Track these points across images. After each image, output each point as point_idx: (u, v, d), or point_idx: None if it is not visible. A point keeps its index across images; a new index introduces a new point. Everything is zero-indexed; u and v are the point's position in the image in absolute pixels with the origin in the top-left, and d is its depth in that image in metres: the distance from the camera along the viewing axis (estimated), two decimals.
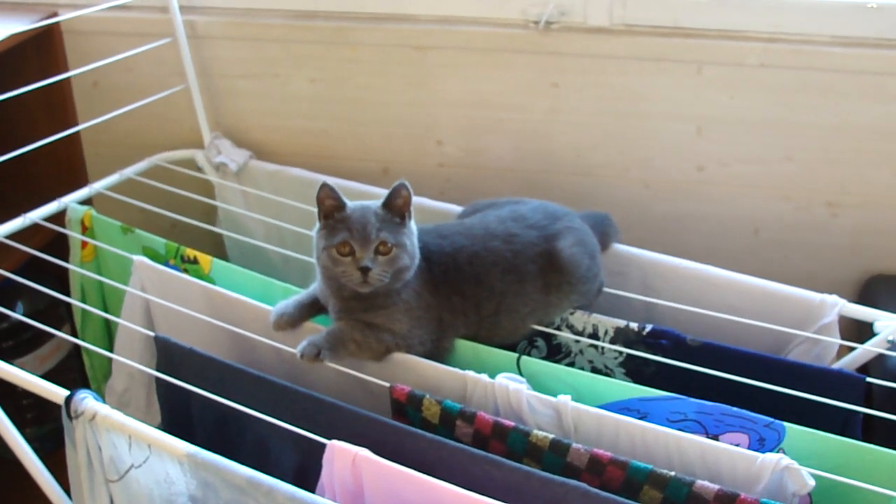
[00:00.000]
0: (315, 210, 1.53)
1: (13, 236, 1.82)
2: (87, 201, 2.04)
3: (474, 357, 1.57)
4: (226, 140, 2.27)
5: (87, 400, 1.35)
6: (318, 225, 1.53)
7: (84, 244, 1.97)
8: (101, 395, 1.43)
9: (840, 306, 1.67)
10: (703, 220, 2.22)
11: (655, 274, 1.82)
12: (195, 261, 1.84)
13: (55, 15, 2.12)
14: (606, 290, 1.75)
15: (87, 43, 2.21)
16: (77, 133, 2.15)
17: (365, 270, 1.45)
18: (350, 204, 1.51)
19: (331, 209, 1.51)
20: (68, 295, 1.97)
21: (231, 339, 1.64)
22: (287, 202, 2.04)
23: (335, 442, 1.28)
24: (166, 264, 1.84)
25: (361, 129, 2.28)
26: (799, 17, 2.00)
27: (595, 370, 1.63)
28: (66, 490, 1.50)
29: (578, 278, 1.63)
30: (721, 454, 1.31)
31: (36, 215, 1.89)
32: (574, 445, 1.30)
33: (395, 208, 1.50)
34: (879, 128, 2.04)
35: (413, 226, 1.54)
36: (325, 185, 1.49)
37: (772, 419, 1.38)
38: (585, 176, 2.21)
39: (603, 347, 1.63)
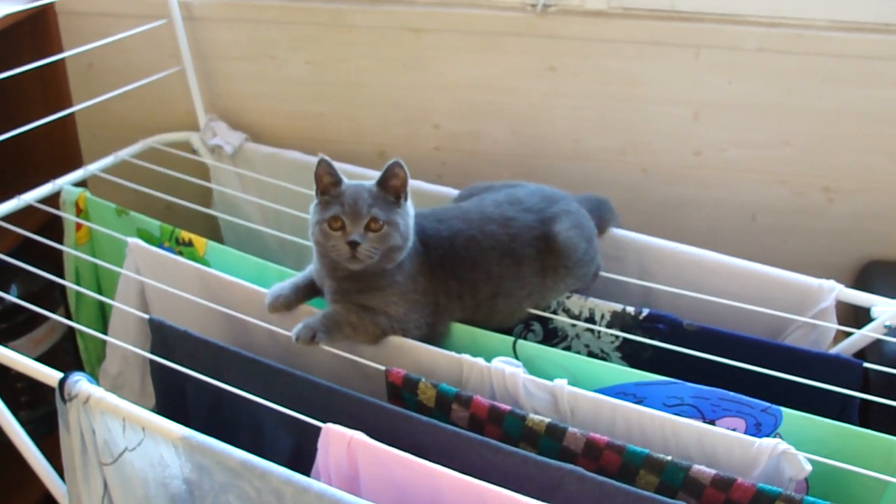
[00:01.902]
0: (310, 192, 1.53)
1: (7, 218, 1.82)
2: (81, 183, 2.03)
3: (470, 341, 1.57)
4: (221, 122, 2.26)
5: (80, 383, 1.35)
6: (315, 201, 1.52)
7: (79, 226, 1.96)
8: (96, 378, 1.42)
9: (837, 291, 1.66)
10: (701, 205, 2.21)
11: (652, 258, 1.81)
12: (190, 243, 1.83)
13: None
14: (603, 274, 1.75)
15: (81, 24, 2.20)
16: (71, 115, 2.14)
17: (353, 245, 1.44)
18: (346, 181, 1.51)
19: (328, 185, 1.51)
20: (63, 277, 1.97)
21: (226, 322, 1.63)
22: (282, 185, 2.03)
23: (330, 425, 1.28)
24: (161, 247, 1.83)
25: (357, 111, 2.27)
26: (798, 2, 2.00)
27: (591, 354, 1.63)
28: (60, 473, 1.50)
29: (575, 262, 1.63)
30: (718, 439, 1.31)
31: (30, 197, 1.88)
32: (570, 430, 1.30)
33: (391, 188, 1.50)
34: (878, 113, 2.03)
35: (409, 208, 1.53)
36: (322, 161, 1.49)
37: (769, 404, 1.38)
38: (582, 160, 2.21)
39: (599, 332, 1.62)
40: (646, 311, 1.61)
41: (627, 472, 1.27)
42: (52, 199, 1.95)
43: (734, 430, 1.35)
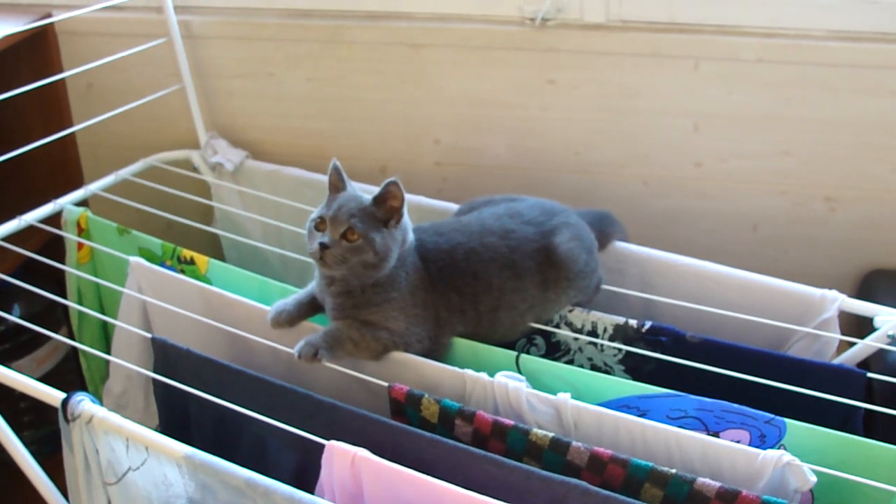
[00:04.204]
0: (311, 209, 1.54)
1: (9, 238, 1.82)
2: (82, 203, 2.03)
3: (473, 356, 1.57)
4: (222, 140, 2.26)
5: (83, 402, 1.35)
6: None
7: (80, 246, 1.96)
8: (99, 398, 1.42)
9: (840, 301, 1.66)
10: (702, 217, 2.21)
11: (654, 271, 1.81)
12: (192, 261, 1.83)
13: (49, 16, 2.11)
14: (605, 287, 1.74)
15: (81, 44, 2.21)
16: (72, 134, 2.15)
17: (322, 246, 1.45)
18: (350, 190, 1.53)
19: (334, 189, 1.54)
20: (65, 297, 1.97)
21: (228, 340, 1.63)
22: (284, 202, 2.04)
23: (334, 442, 1.28)
24: (163, 265, 1.83)
25: (358, 127, 2.28)
26: (795, 12, 2.00)
27: (594, 368, 1.63)
28: (65, 493, 1.50)
29: (576, 273, 1.62)
30: (722, 451, 1.31)
31: (32, 217, 1.89)
32: (574, 444, 1.30)
33: (388, 208, 1.49)
34: (877, 122, 2.03)
35: (399, 232, 1.51)
36: (333, 166, 1.54)
37: (773, 415, 1.38)
38: (583, 173, 2.21)
39: (602, 345, 1.62)
40: (648, 324, 1.61)
41: (632, 486, 1.27)
42: (54, 219, 1.95)
43: (738, 441, 1.34)
